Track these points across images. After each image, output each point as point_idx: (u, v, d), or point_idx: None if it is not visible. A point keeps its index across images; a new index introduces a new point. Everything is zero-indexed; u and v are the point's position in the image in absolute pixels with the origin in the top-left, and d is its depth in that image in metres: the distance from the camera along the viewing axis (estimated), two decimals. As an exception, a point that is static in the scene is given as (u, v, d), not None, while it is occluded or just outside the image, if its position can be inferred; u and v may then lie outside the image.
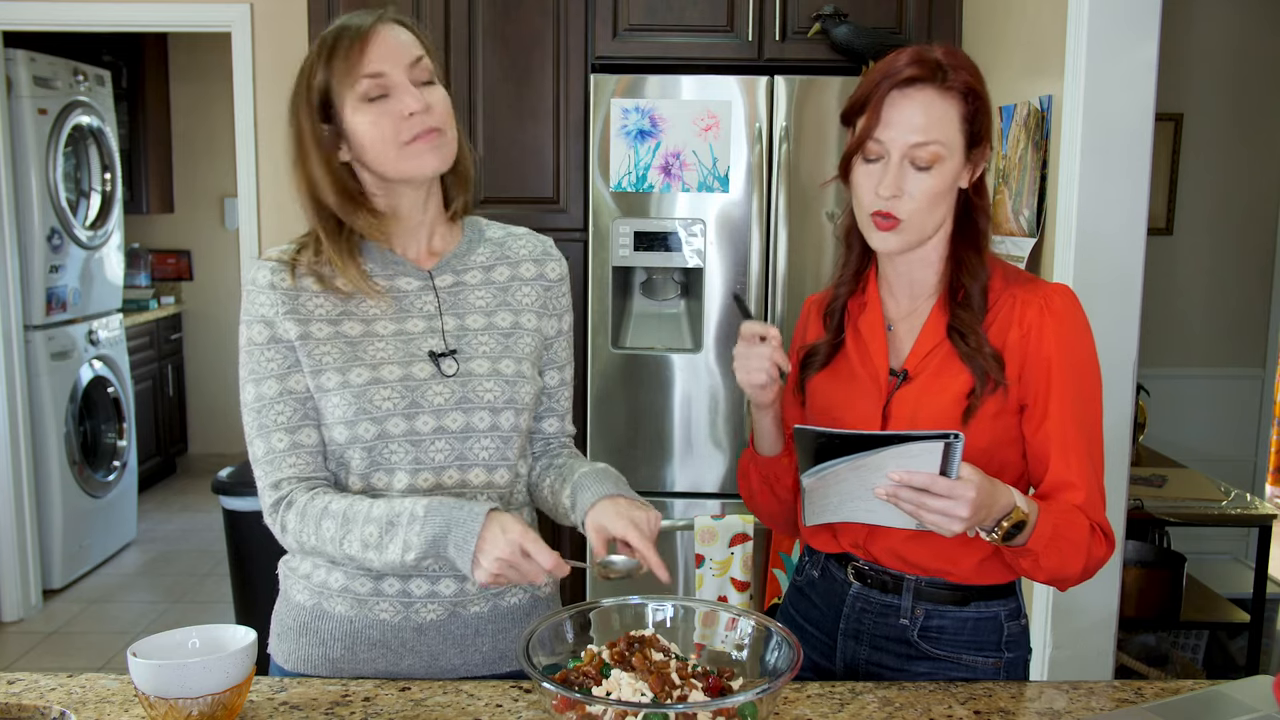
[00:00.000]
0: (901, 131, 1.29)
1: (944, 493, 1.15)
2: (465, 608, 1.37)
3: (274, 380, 1.33)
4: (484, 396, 1.35)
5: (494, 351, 1.38)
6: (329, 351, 1.32)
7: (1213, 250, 3.92)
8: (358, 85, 1.28)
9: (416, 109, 1.28)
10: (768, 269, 2.82)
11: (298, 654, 1.39)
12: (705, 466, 2.88)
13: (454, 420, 1.34)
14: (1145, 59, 2.12)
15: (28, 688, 1.29)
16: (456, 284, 1.40)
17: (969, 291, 1.34)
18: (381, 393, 1.32)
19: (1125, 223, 2.16)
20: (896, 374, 1.38)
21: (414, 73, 1.30)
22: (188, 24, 3.71)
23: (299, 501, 1.31)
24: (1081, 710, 1.26)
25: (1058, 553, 1.25)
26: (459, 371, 1.35)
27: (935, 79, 1.29)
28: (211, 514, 4.98)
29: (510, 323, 1.40)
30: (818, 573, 1.49)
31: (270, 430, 1.32)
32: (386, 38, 1.29)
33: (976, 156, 1.34)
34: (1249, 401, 3.98)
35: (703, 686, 1.10)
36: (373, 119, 1.29)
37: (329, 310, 1.34)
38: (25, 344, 4.08)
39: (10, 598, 3.99)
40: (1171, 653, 3.16)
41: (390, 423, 1.31)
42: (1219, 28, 3.81)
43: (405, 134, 1.29)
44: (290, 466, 1.33)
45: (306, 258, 1.36)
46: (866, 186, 1.33)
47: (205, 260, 6.25)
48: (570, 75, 2.98)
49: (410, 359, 1.34)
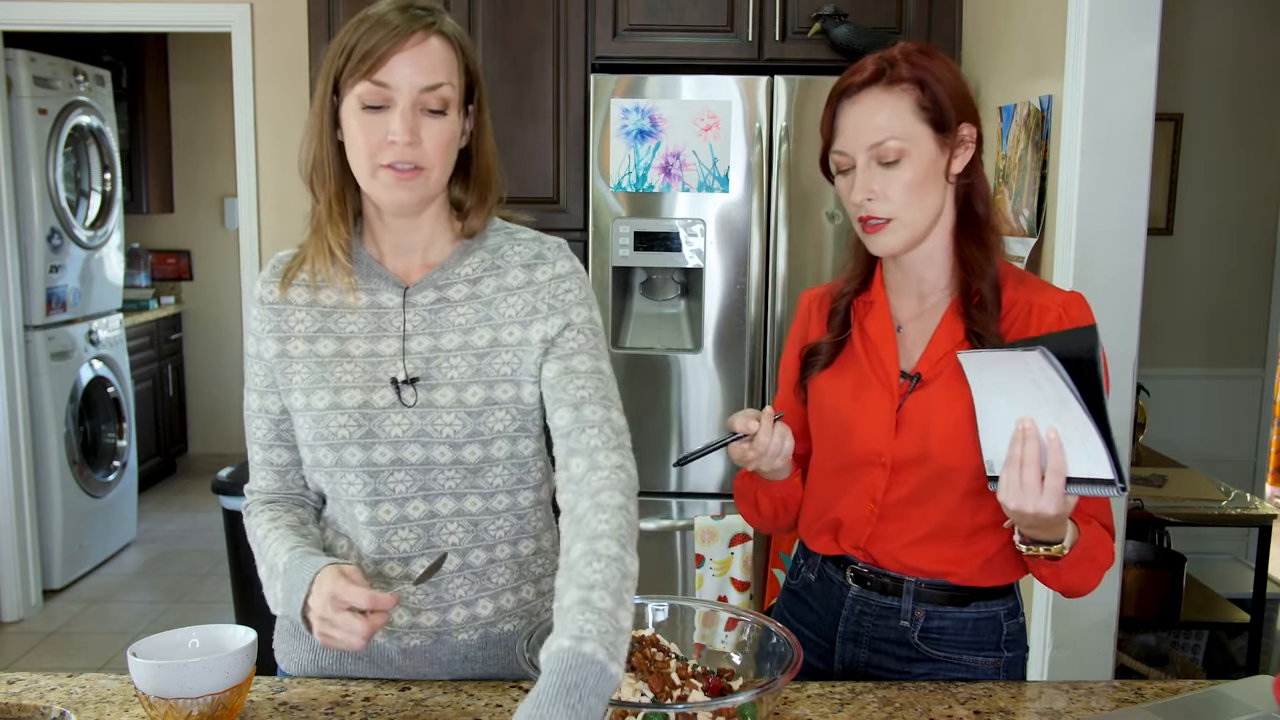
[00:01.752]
0: (856, 136, 1.31)
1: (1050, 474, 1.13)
2: (452, 635, 1.33)
3: (256, 395, 1.35)
4: (443, 431, 1.26)
5: (463, 377, 1.27)
6: (299, 370, 1.29)
7: (1213, 250, 3.92)
8: (362, 86, 1.20)
9: (399, 138, 1.19)
10: (768, 269, 2.82)
11: (292, 657, 1.39)
12: (705, 467, 2.88)
13: (412, 453, 1.26)
14: (1145, 59, 2.12)
15: (28, 688, 1.29)
16: (439, 300, 1.31)
17: (982, 293, 1.33)
18: (339, 419, 1.26)
19: (1125, 223, 2.16)
20: (909, 377, 1.36)
21: (424, 98, 1.21)
22: (188, 24, 3.71)
23: (251, 513, 1.36)
24: (1081, 710, 1.26)
25: (1080, 572, 1.26)
26: (418, 402, 1.26)
27: (879, 79, 1.30)
28: (211, 514, 4.98)
29: (488, 340, 1.29)
30: (814, 576, 1.48)
31: (251, 441, 1.37)
32: (417, 52, 1.20)
33: (953, 140, 1.32)
34: (1249, 401, 3.98)
35: (703, 686, 1.10)
36: (360, 126, 1.21)
37: (308, 327, 1.31)
38: (25, 344, 4.08)
39: (10, 598, 3.99)
40: (1171, 653, 3.16)
41: (346, 451, 1.26)
42: (1219, 28, 3.81)
43: (380, 158, 1.21)
44: (261, 479, 1.36)
45: (298, 264, 1.32)
46: (845, 195, 1.34)
47: (205, 260, 6.25)
48: (570, 75, 2.98)
49: (374, 384, 1.27)
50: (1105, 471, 1.11)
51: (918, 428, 1.33)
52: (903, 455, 1.34)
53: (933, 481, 1.33)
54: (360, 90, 1.20)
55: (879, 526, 1.38)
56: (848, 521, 1.41)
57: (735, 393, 2.84)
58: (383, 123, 1.20)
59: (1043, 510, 1.14)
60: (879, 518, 1.37)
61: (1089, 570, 1.27)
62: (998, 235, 1.38)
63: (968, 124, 1.32)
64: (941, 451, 1.31)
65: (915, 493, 1.35)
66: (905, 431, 1.34)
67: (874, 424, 1.36)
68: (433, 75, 1.21)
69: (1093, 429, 1.11)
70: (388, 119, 1.20)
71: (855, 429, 1.38)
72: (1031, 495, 1.14)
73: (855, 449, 1.38)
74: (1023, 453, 1.15)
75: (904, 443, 1.34)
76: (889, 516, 1.37)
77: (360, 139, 1.21)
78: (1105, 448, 1.11)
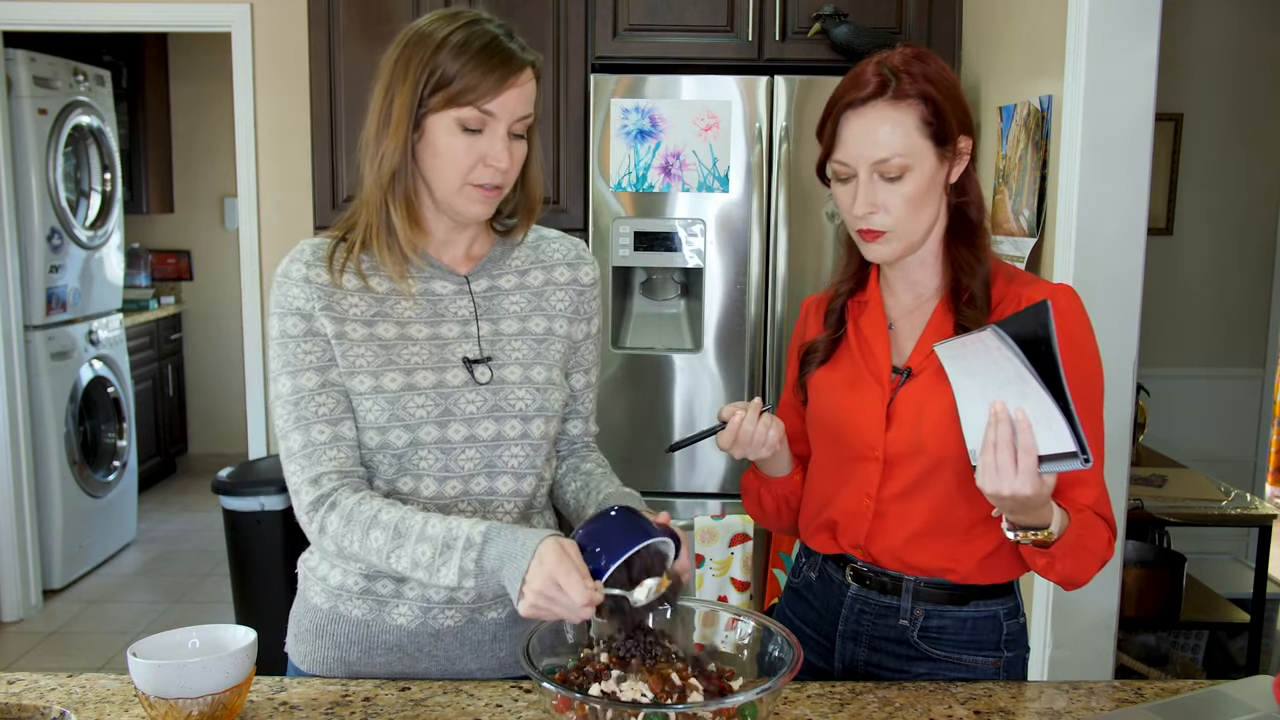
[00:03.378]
0: (860, 150, 1.30)
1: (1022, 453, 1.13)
2: (483, 613, 1.37)
3: (314, 372, 1.29)
4: (515, 405, 1.34)
5: (527, 358, 1.37)
6: (363, 354, 1.30)
7: (1213, 250, 3.92)
8: (466, 110, 1.26)
9: (500, 165, 1.28)
10: (768, 269, 2.82)
11: (314, 656, 1.38)
12: (705, 466, 2.88)
13: (486, 429, 1.33)
14: (1145, 59, 2.12)
15: (28, 688, 1.29)
16: (491, 288, 1.39)
17: (973, 290, 1.35)
18: (415, 399, 1.30)
19: (1125, 223, 2.16)
20: (900, 371, 1.38)
21: (516, 126, 1.29)
22: (188, 24, 3.71)
23: (344, 504, 1.26)
24: (1081, 710, 1.26)
25: (1075, 560, 1.26)
26: (493, 379, 1.34)
27: (884, 92, 1.29)
28: (211, 514, 4.98)
29: (544, 328, 1.39)
30: (815, 574, 1.49)
31: (310, 422, 1.28)
32: (521, 91, 1.28)
33: (952, 152, 1.33)
34: (1249, 401, 3.98)
35: (703, 687, 1.10)
36: (459, 146, 1.27)
37: (363, 310, 1.32)
38: (25, 344, 4.07)
39: (10, 598, 3.99)
40: (1171, 653, 3.16)
41: (423, 430, 1.30)
42: (1219, 28, 3.81)
43: (475, 178, 1.29)
44: (331, 460, 1.28)
45: (344, 252, 1.33)
46: (844, 204, 1.34)
47: (205, 260, 6.25)
48: (570, 75, 2.98)
49: (444, 365, 1.33)
50: (1069, 445, 1.11)
51: (909, 421, 1.34)
52: (896, 449, 1.35)
53: (927, 475, 1.34)
54: (464, 114, 1.26)
55: (875, 523, 1.38)
56: (844, 519, 1.41)
57: (735, 393, 2.84)
58: (480, 145, 1.28)
59: (1019, 491, 1.14)
60: (875, 514, 1.38)
61: (1084, 559, 1.26)
62: (989, 235, 1.39)
63: (965, 137, 1.34)
64: (933, 443, 1.32)
65: (910, 487, 1.35)
66: (897, 425, 1.35)
67: (866, 418, 1.37)
68: (527, 106, 1.30)
69: (1053, 405, 1.11)
70: (485, 142, 1.28)
71: (849, 424, 1.39)
72: (1007, 477, 1.14)
73: (849, 443, 1.39)
74: (995, 435, 1.15)
75: (896, 436, 1.35)
76: (885, 512, 1.38)
77: (456, 159, 1.28)
78: (1065, 421, 1.11)
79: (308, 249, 1.34)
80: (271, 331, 1.32)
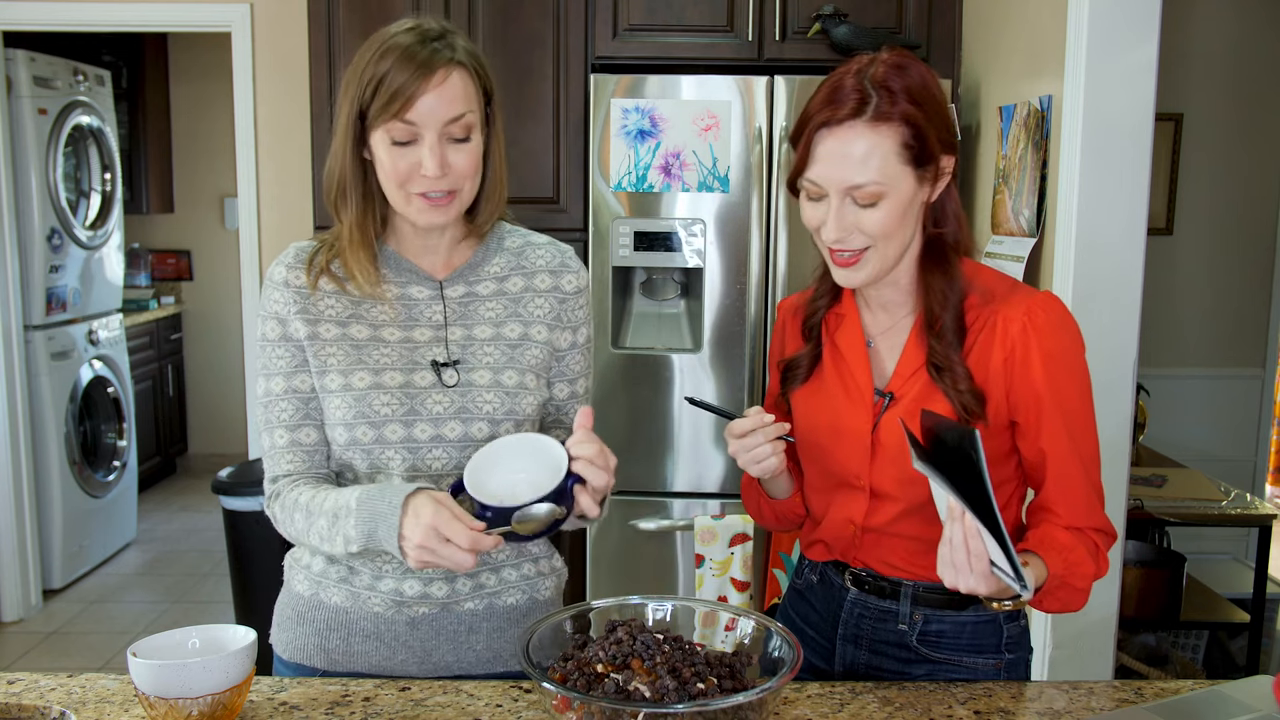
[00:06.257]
0: (834, 172, 1.23)
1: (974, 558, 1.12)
2: (458, 604, 1.38)
3: (281, 378, 1.36)
4: (483, 408, 1.36)
5: (498, 363, 1.38)
6: (334, 353, 1.35)
7: (1213, 250, 3.92)
8: (391, 124, 1.27)
9: (430, 172, 1.28)
10: (767, 269, 2.82)
11: (295, 643, 1.41)
12: (705, 466, 2.88)
13: (452, 429, 1.35)
14: (1145, 59, 2.12)
15: (28, 688, 1.29)
16: (468, 294, 1.41)
17: (944, 322, 1.29)
18: (381, 398, 1.33)
19: (1125, 223, 2.16)
20: (883, 395, 1.35)
21: (450, 129, 1.28)
22: (188, 24, 3.71)
23: (285, 495, 1.35)
24: (1081, 710, 1.26)
25: (1062, 598, 1.26)
26: (460, 382, 1.36)
27: (862, 112, 1.21)
28: (211, 514, 4.98)
29: (519, 334, 1.40)
30: (816, 577, 1.48)
31: (274, 426, 1.37)
32: (440, 90, 1.26)
33: (932, 173, 1.26)
34: (1249, 401, 3.98)
35: (715, 675, 1.10)
36: (391, 159, 1.29)
37: (339, 312, 1.37)
38: (25, 344, 4.08)
39: (10, 598, 3.99)
40: (1171, 653, 3.16)
41: (388, 428, 1.33)
42: (1219, 28, 3.81)
43: (412, 187, 1.30)
44: (288, 463, 1.37)
45: (324, 256, 1.38)
46: (814, 224, 1.29)
47: (205, 260, 6.25)
48: (570, 75, 2.98)
49: (413, 366, 1.36)
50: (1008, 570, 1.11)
51: (895, 454, 1.32)
52: (883, 484, 1.34)
53: (916, 506, 1.33)
54: (389, 128, 1.27)
55: (867, 544, 1.38)
56: (834, 541, 1.42)
57: (735, 393, 2.84)
58: (412, 155, 1.28)
59: (975, 589, 1.14)
60: (864, 539, 1.38)
61: (1070, 595, 1.26)
62: (967, 249, 1.34)
63: (947, 156, 1.27)
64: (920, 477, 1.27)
65: (898, 516, 1.35)
66: (881, 454, 1.33)
67: (851, 445, 1.35)
68: (455, 107, 1.28)
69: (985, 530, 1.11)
70: (417, 151, 1.28)
71: (833, 450, 1.37)
72: (964, 575, 1.14)
73: (834, 470, 1.38)
74: (950, 533, 1.14)
75: (883, 471, 1.33)
76: (875, 540, 1.37)
77: (393, 168, 1.30)
78: (1000, 550, 1.11)
79: (292, 252, 1.40)
80: (256, 333, 1.39)
